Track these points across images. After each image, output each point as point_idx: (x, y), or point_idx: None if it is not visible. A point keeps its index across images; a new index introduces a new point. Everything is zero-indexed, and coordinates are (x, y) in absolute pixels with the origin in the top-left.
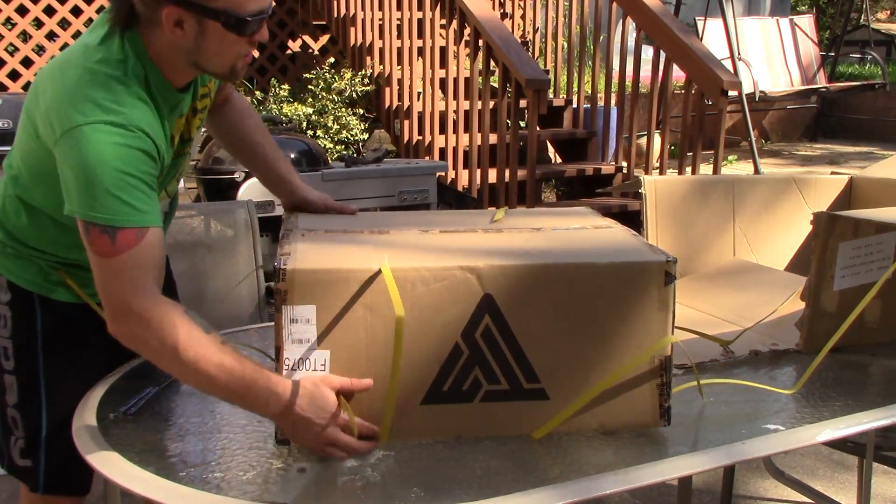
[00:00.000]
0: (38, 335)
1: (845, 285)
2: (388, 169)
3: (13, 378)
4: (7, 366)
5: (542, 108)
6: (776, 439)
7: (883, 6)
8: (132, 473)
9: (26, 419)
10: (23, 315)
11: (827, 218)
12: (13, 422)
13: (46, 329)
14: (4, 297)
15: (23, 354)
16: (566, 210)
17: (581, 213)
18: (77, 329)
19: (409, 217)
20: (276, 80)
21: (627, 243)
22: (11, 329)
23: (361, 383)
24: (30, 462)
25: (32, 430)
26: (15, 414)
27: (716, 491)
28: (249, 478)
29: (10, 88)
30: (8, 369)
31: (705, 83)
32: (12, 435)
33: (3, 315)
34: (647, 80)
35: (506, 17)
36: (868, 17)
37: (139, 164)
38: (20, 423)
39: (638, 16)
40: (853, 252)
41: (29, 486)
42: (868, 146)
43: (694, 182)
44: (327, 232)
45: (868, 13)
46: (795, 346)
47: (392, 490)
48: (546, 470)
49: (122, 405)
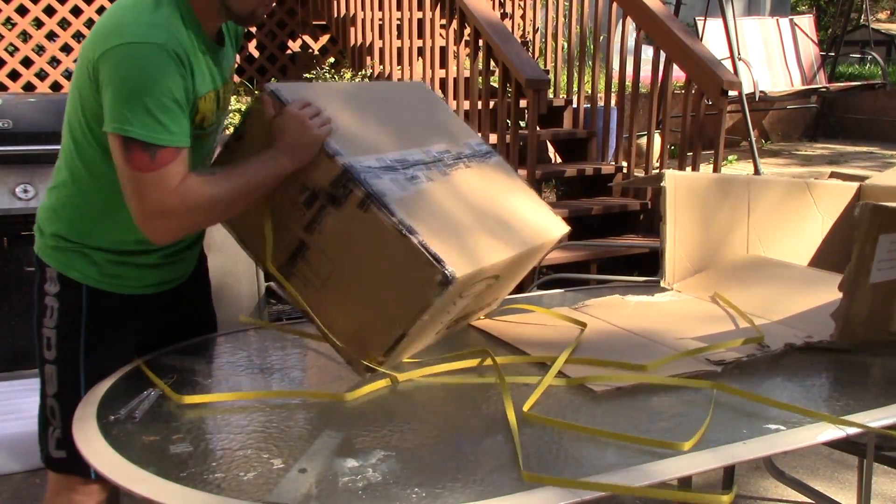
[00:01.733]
0: (82, 327)
1: (880, 279)
2: None
3: (53, 368)
4: (49, 356)
5: (542, 108)
6: (776, 439)
7: (883, 6)
8: (132, 474)
9: (65, 410)
10: (70, 307)
11: (871, 209)
12: (51, 412)
13: (91, 322)
14: (53, 289)
15: (66, 345)
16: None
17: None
18: (121, 322)
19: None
20: (276, 81)
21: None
22: (57, 320)
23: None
24: (64, 453)
25: (69, 421)
26: (54, 404)
27: (716, 491)
28: (249, 478)
29: (10, 88)
30: (49, 359)
31: (705, 83)
32: (50, 426)
33: (51, 306)
34: (647, 80)
35: (506, 17)
36: (868, 17)
37: (175, 88)
38: (58, 414)
39: (638, 16)
40: (891, 245)
41: (78, 473)
42: (868, 146)
43: (714, 179)
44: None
45: (868, 13)
46: (829, 338)
47: (393, 490)
48: (546, 470)
49: (122, 406)
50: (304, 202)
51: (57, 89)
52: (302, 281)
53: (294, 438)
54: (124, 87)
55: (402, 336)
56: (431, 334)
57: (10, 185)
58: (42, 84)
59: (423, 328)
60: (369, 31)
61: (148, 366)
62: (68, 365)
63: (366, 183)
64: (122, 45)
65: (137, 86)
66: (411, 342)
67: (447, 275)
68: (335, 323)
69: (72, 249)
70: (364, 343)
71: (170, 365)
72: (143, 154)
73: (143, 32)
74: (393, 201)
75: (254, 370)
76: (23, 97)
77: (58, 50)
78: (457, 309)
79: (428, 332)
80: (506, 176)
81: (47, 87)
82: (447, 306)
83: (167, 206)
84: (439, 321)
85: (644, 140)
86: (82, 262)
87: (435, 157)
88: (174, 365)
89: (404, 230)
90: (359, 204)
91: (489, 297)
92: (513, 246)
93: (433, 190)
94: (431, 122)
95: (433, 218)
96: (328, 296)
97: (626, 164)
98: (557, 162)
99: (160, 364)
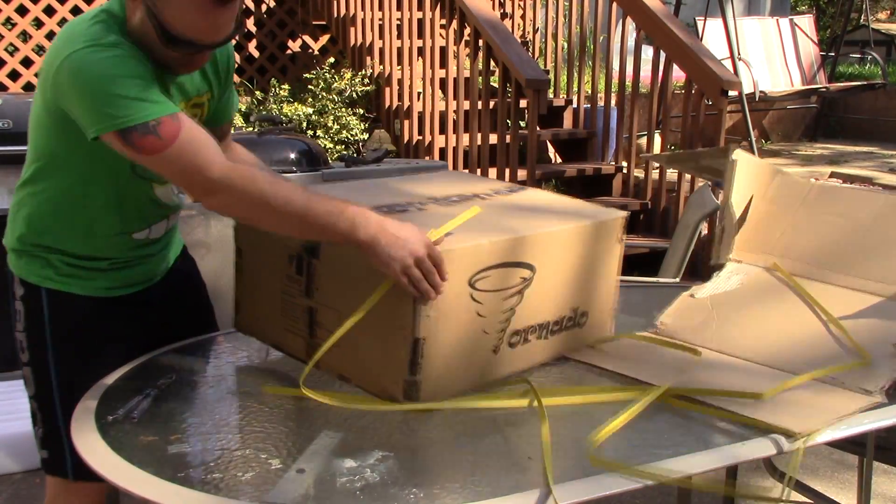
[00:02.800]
0: (45, 328)
1: None
2: (389, 169)
3: (29, 370)
4: (24, 358)
5: (542, 108)
6: (777, 439)
7: (883, 6)
8: (130, 474)
9: (43, 410)
10: (33, 309)
11: None
12: (33, 413)
13: (54, 322)
14: (18, 292)
15: (35, 347)
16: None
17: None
18: (88, 322)
19: (415, 185)
20: (276, 80)
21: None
22: (24, 322)
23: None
24: (46, 453)
25: (50, 421)
26: (34, 405)
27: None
28: (248, 478)
29: (10, 88)
30: (24, 361)
31: (705, 83)
32: (35, 426)
33: (18, 310)
34: (647, 80)
35: (506, 17)
36: (868, 17)
37: (138, 68)
38: (38, 415)
39: (638, 16)
40: None
41: (58, 474)
42: (868, 146)
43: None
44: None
45: (868, 13)
46: None
47: (391, 491)
48: (546, 470)
49: (121, 407)
50: (295, 271)
51: None
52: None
53: (292, 439)
54: (91, 88)
55: (416, 342)
56: (479, 352)
57: (10, 185)
58: None
59: (450, 336)
60: (369, 31)
61: (147, 366)
62: (40, 367)
63: None
64: (75, 51)
65: (102, 81)
66: (444, 357)
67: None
68: (366, 372)
69: (30, 253)
70: (390, 369)
71: (169, 365)
72: (146, 137)
73: (93, 37)
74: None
75: (254, 370)
76: (23, 97)
77: None
78: (495, 310)
79: (465, 346)
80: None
81: None
82: (460, 300)
83: (210, 178)
84: (473, 329)
85: (644, 140)
86: (38, 265)
87: (439, 199)
88: (173, 365)
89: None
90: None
91: (558, 304)
92: (525, 229)
93: (424, 211)
94: (451, 186)
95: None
96: (349, 344)
97: (627, 164)
98: (557, 162)
99: (159, 364)
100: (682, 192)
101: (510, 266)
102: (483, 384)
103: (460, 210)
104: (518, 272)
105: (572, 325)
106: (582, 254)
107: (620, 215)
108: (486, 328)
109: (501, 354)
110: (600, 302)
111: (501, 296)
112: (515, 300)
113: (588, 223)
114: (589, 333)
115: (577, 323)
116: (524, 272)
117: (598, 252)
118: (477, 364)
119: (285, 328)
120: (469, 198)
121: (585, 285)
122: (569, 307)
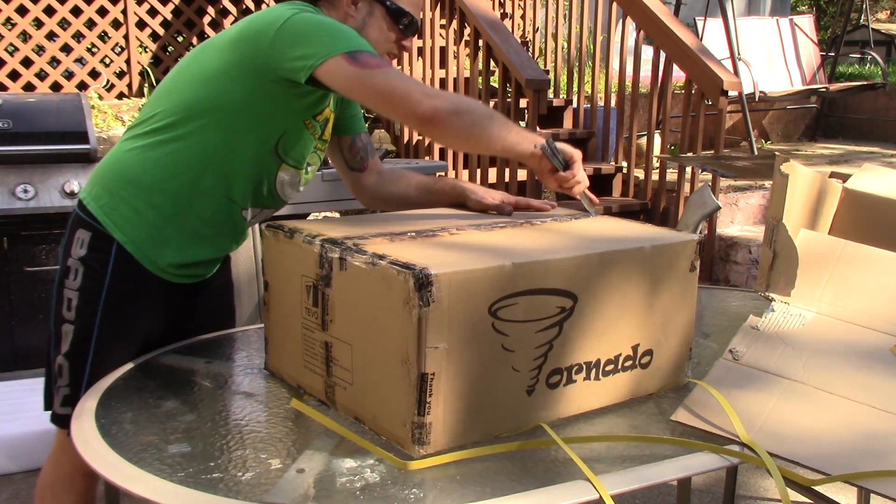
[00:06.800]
0: (103, 291)
1: None
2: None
3: (71, 328)
4: (68, 316)
5: (542, 108)
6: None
7: (883, 6)
8: (131, 474)
9: (73, 369)
10: (97, 260)
11: None
12: (59, 370)
13: (112, 287)
14: (80, 252)
15: (85, 307)
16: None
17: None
18: (140, 295)
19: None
20: None
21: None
22: (81, 282)
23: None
24: (70, 410)
25: (76, 381)
26: (63, 363)
27: (715, 491)
28: (247, 478)
29: (10, 88)
30: (68, 319)
31: (705, 83)
32: (56, 383)
33: (76, 269)
34: (647, 80)
35: (506, 17)
36: (868, 17)
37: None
38: (66, 373)
39: (638, 16)
40: None
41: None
42: (868, 146)
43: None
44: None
45: (868, 13)
46: None
47: (391, 491)
48: (546, 470)
49: (121, 406)
50: (312, 302)
51: (57, 89)
52: (341, 386)
53: (292, 439)
54: (325, 26)
55: (423, 378)
56: (508, 392)
57: (10, 185)
58: (42, 84)
59: (468, 371)
60: None
61: (148, 365)
62: (83, 326)
63: (341, 243)
64: (304, 11)
65: (334, 24)
66: (461, 395)
67: (418, 274)
68: (376, 413)
69: (121, 198)
70: (397, 409)
71: (169, 365)
72: (373, 58)
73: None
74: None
75: (254, 370)
76: (23, 97)
77: (58, 50)
78: (525, 344)
79: (489, 384)
80: (604, 220)
81: (47, 87)
82: (478, 331)
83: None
84: (498, 364)
85: (644, 140)
86: (126, 210)
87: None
88: (174, 365)
89: (374, 259)
90: (339, 266)
91: (612, 341)
92: (561, 251)
93: (436, 239)
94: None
95: (420, 251)
96: (359, 382)
97: (626, 164)
98: None
99: (160, 363)
100: (682, 192)
101: (542, 293)
102: (517, 430)
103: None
104: (553, 300)
105: (632, 366)
106: (641, 283)
107: (690, 239)
108: (515, 364)
109: (537, 395)
110: (669, 340)
111: (533, 327)
112: (552, 333)
113: (646, 246)
114: (657, 377)
115: (639, 363)
116: (562, 300)
117: (662, 281)
118: (507, 406)
119: (305, 366)
120: (518, 224)
121: (648, 320)
122: (627, 344)
